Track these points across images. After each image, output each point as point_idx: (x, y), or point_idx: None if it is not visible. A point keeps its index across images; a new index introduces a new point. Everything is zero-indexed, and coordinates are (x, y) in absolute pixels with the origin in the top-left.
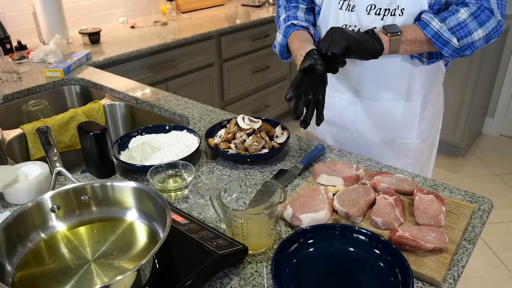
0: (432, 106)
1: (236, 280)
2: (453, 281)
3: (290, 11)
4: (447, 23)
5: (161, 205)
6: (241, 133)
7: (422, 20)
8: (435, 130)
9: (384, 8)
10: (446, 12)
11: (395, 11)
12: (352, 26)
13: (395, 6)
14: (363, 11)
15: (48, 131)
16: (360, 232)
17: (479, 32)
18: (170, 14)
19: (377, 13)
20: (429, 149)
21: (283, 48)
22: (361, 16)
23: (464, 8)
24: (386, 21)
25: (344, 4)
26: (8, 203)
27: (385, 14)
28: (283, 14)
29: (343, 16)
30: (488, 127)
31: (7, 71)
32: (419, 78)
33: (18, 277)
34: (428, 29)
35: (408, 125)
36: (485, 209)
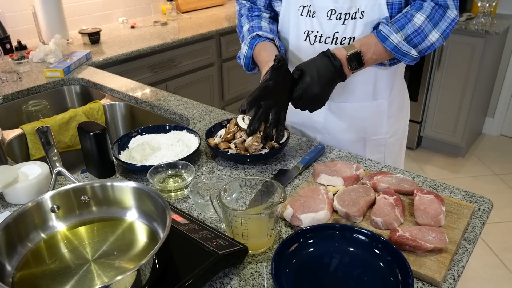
0: (397, 100)
1: (236, 280)
2: (453, 281)
3: (254, 21)
4: (405, 32)
5: (161, 205)
6: (241, 133)
7: (380, 33)
8: (403, 122)
9: (344, 12)
10: (403, 18)
11: (355, 14)
12: (314, 32)
13: (355, 9)
14: (324, 17)
15: (48, 131)
16: (360, 232)
17: (434, 34)
18: (170, 14)
19: (338, 17)
20: (400, 142)
21: (248, 60)
22: (323, 22)
23: (420, 12)
24: (347, 25)
25: (304, 11)
26: (8, 203)
27: (346, 18)
28: (246, 24)
29: (304, 23)
30: (488, 127)
31: (7, 71)
32: (383, 77)
33: (18, 277)
34: (387, 43)
35: (378, 122)
36: (485, 209)
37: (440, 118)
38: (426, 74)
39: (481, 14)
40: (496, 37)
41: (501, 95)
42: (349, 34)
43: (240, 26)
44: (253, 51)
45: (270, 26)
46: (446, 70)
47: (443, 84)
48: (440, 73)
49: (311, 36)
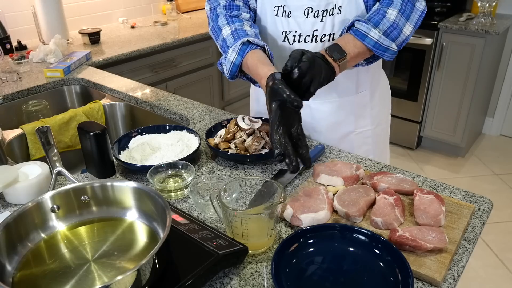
0: (379, 90)
1: (236, 280)
2: (453, 281)
3: (235, 23)
4: (381, 28)
5: (161, 205)
6: (241, 133)
7: (359, 31)
8: (386, 111)
9: (322, 9)
10: (376, 15)
11: (333, 10)
12: (292, 31)
13: (332, 5)
14: (301, 16)
15: (48, 131)
16: (360, 232)
17: (407, 27)
18: (170, 14)
19: (315, 15)
20: (385, 131)
21: (235, 68)
22: (300, 21)
23: (391, 7)
24: (325, 22)
25: (279, 11)
26: (8, 203)
27: (324, 15)
28: (225, 26)
29: (281, 23)
30: (488, 127)
31: (7, 71)
32: (364, 71)
33: (18, 277)
34: (367, 40)
35: (362, 115)
36: (485, 209)
37: (440, 118)
38: (426, 74)
39: (481, 14)
40: (496, 37)
41: (501, 95)
42: (328, 31)
43: (218, 28)
44: (243, 59)
45: (253, 30)
46: (446, 70)
47: (443, 84)
48: (440, 73)
49: (289, 36)
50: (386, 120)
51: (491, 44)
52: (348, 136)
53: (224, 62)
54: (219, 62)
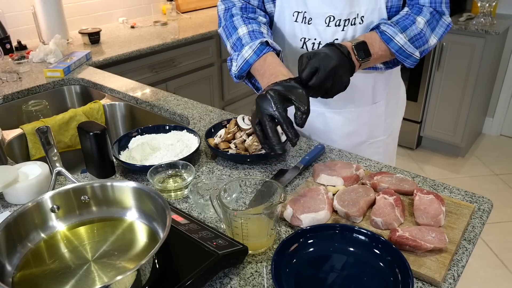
0: (394, 100)
1: (236, 280)
2: (453, 281)
3: (252, 24)
4: (408, 34)
5: (161, 205)
6: (241, 133)
7: (385, 34)
8: (398, 120)
9: (344, 18)
10: (405, 20)
11: (355, 20)
12: (311, 39)
13: (354, 15)
14: (322, 24)
15: (48, 131)
16: (360, 232)
17: (433, 38)
18: (170, 14)
19: (337, 24)
20: (395, 140)
21: (247, 66)
22: (321, 29)
23: (420, 16)
24: (347, 31)
25: (299, 17)
26: (8, 203)
27: (346, 25)
28: (242, 26)
29: (300, 29)
30: (488, 127)
31: (7, 71)
32: (381, 80)
33: (18, 277)
34: (392, 44)
35: (376, 125)
36: (485, 209)
37: (440, 118)
38: (426, 74)
39: (481, 14)
40: (496, 37)
41: (501, 95)
42: (349, 40)
43: (233, 27)
44: (258, 59)
45: (269, 34)
46: (446, 70)
47: (443, 84)
48: (440, 73)
49: (308, 43)
50: (397, 129)
51: (491, 44)
52: (361, 146)
53: (236, 59)
54: (229, 58)
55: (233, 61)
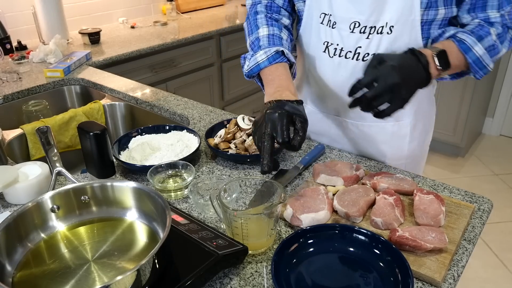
0: (422, 122)
1: (236, 280)
2: (453, 281)
3: (274, 27)
4: (483, 45)
5: (161, 205)
6: (241, 133)
7: (463, 43)
8: (426, 145)
9: (370, 25)
10: (480, 30)
11: (382, 28)
12: (334, 44)
13: (382, 23)
14: (346, 29)
15: (48, 131)
16: (360, 232)
17: (503, 50)
18: (170, 14)
19: (362, 31)
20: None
21: (257, 69)
22: (344, 34)
23: (493, 27)
24: (372, 40)
25: (325, 19)
26: (8, 203)
27: (371, 32)
28: (264, 27)
29: (325, 32)
30: (488, 127)
31: (7, 71)
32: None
33: (18, 277)
34: (470, 54)
35: (398, 147)
36: (485, 209)
37: (440, 118)
38: None
39: None
40: None
41: (501, 95)
42: (372, 50)
43: (255, 25)
44: (270, 66)
45: (288, 40)
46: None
47: (443, 83)
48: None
49: (331, 48)
50: (423, 155)
51: None
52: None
53: (249, 59)
54: (243, 56)
55: (246, 60)
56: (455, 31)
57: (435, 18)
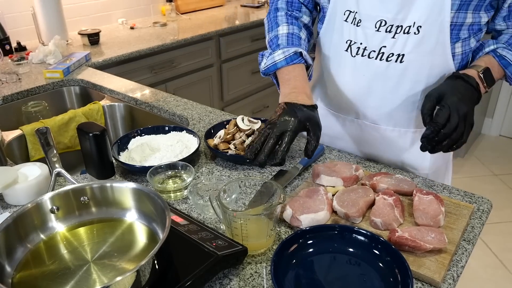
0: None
1: (236, 280)
2: (453, 281)
3: (294, 25)
4: None
5: (161, 206)
6: (240, 134)
7: (504, 59)
8: (449, 155)
9: (396, 25)
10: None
11: (409, 28)
12: (357, 43)
13: (410, 22)
14: (371, 27)
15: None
16: (360, 232)
17: None
18: (170, 15)
19: (388, 30)
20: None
21: (274, 68)
22: (369, 33)
23: None
24: (397, 40)
25: (350, 16)
26: (7, 204)
27: (397, 32)
28: (284, 25)
29: (348, 31)
30: (487, 128)
31: (7, 72)
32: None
33: (17, 278)
34: (510, 69)
35: (419, 156)
36: (484, 210)
37: None
38: None
39: None
40: None
41: (500, 96)
42: (398, 50)
43: (275, 22)
44: (287, 66)
45: (306, 40)
46: None
47: None
48: None
49: (353, 47)
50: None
51: None
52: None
53: (267, 57)
54: (261, 53)
55: (264, 58)
56: (494, 46)
57: (464, 22)
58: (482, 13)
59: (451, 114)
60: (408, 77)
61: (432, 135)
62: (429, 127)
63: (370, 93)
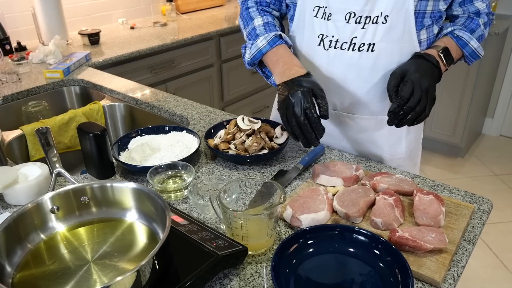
0: None
1: (236, 280)
2: (453, 281)
3: (267, 17)
4: (475, 36)
5: (161, 206)
6: (240, 133)
7: (461, 39)
8: (420, 139)
9: (365, 15)
10: (470, 23)
11: (377, 18)
12: (329, 36)
13: (377, 13)
14: (341, 20)
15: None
16: (360, 232)
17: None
18: (170, 15)
19: (357, 21)
20: (414, 161)
21: (260, 55)
22: (339, 25)
23: (481, 18)
24: (367, 30)
25: (320, 12)
26: (7, 204)
27: (366, 22)
28: (258, 17)
29: (319, 25)
30: (488, 128)
31: (7, 72)
32: None
33: (17, 278)
34: (467, 48)
35: (396, 140)
36: (484, 210)
37: (440, 118)
38: None
39: None
40: (496, 37)
41: (501, 96)
42: (368, 40)
43: (249, 17)
44: (272, 49)
45: (280, 28)
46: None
47: (442, 84)
48: None
49: (326, 40)
50: (418, 149)
51: (490, 45)
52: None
53: (250, 47)
54: (243, 46)
55: (247, 49)
56: (451, 28)
57: (426, 9)
58: (441, 2)
59: (414, 88)
60: (380, 65)
61: (398, 109)
62: (395, 101)
63: (346, 83)
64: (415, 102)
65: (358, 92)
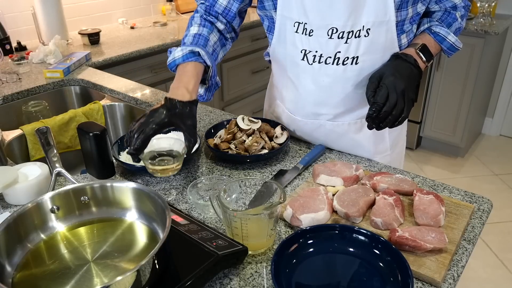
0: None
1: (236, 280)
2: (453, 281)
3: (205, 28)
4: (452, 30)
5: (161, 206)
6: (241, 133)
7: (438, 35)
8: (404, 132)
9: (347, 31)
10: (447, 17)
11: (359, 32)
12: (312, 51)
13: (359, 27)
14: (323, 35)
15: (47, 131)
16: (360, 232)
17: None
18: (170, 15)
19: (340, 36)
20: (401, 151)
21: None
22: (322, 41)
23: (458, 11)
24: (350, 44)
25: (300, 28)
26: (8, 204)
27: (349, 37)
28: (195, 25)
29: (301, 41)
30: (488, 127)
31: (7, 71)
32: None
33: (18, 277)
34: (445, 43)
35: (380, 138)
36: (484, 209)
37: (440, 118)
38: (425, 74)
39: (480, 15)
40: (496, 38)
41: (501, 95)
42: (352, 53)
43: (190, 23)
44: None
45: (218, 44)
46: (446, 70)
47: (442, 84)
48: (440, 73)
49: (309, 55)
50: (402, 142)
51: (490, 45)
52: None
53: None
54: (169, 50)
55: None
56: (428, 24)
57: (406, 17)
58: (420, 5)
59: (389, 92)
60: (365, 75)
61: (374, 114)
62: (371, 107)
63: (332, 95)
64: (391, 107)
65: (344, 102)
